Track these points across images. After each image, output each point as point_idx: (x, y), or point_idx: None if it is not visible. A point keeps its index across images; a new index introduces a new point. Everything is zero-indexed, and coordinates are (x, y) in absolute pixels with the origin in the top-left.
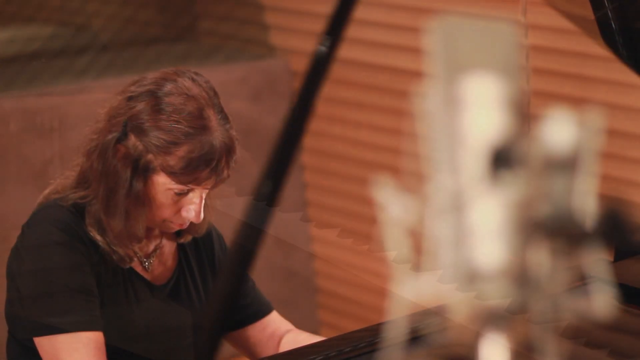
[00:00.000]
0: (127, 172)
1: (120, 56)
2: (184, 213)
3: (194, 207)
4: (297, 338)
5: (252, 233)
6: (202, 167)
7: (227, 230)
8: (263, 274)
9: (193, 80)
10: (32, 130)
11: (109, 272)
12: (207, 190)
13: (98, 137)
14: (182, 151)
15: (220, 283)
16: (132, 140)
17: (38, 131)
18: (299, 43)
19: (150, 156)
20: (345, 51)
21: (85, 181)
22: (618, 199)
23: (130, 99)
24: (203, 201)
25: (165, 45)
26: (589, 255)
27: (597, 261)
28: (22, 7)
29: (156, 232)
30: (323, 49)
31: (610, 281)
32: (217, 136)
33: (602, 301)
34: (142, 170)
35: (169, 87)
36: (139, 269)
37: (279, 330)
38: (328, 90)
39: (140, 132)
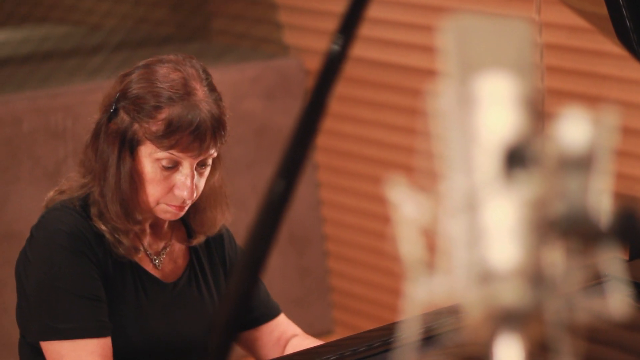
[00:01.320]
0: (116, 149)
1: (134, 56)
2: (176, 191)
3: (184, 182)
4: (302, 343)
5: (265, 233)
6: (183, 129)
7: (241, 230)
8: (277, 273)
9: (184, 59)
10: (45, 130)
11: (117, 268)
12: (200, 166)
13: (94, 126)
14: (163, 114)
15: (233, 283)
16: (121, 114)
17: (51, 131)
18: (313, 42)
19: (135, 126)
20: (360, 50)
21: (86, 172)
22: (632, 197)
23: (123, 76)
24: (195, 177)
25: (178, 45)
26: (603, 254)
27: (612, 260)
28: (35, 8)
29: (165, 229)
30: (336, 47)
31: (625, 280)
32: (201, 103)
33: (617, 300)
34: (128, 143)
35: (161, 63)
36: (149, 266)
37: (286, 334)
38: (344, 89)
39: (127, 102)
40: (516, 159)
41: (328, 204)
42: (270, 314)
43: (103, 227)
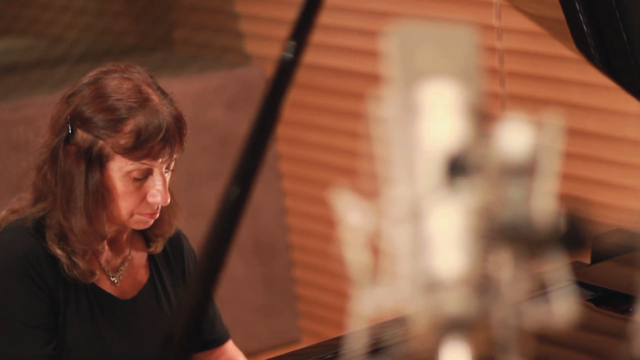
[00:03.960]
0: (82, 168)
1: (96, 67)
2: (149, 198)
3: (157, 188)
4: None
5: (219, 243)
6: (153, 137)
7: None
8: (243, 282)
9: (126, 66)
10: (7, 143)
11: (70, 291)
12: (166, 170)
13: (46, 149)
14: (129, 126)
15: (188, 296)
16: (80, 134)
17: (13, 144)
18: (275, 51)
19: (101, 143)
20: (322, 57)
21: (41, 196)
22: (579, 200)
23: (69, 97)
24: (166, 182)
25: (140, 55)
26: (550, 260)
27: (559, 266)
28: None
29: (123, 243)
30: (287, 55)
31: (583, 284)
32: (161, 107)
33: (569, 305)
34: (96, 161)
35: (106, 75)
36: (106, 285)
37: None
38: (306, 97)
39: (85, 121)
40: (461, 166)
41: (293, 213)
42: (218, 340)
43: (59, 252)
